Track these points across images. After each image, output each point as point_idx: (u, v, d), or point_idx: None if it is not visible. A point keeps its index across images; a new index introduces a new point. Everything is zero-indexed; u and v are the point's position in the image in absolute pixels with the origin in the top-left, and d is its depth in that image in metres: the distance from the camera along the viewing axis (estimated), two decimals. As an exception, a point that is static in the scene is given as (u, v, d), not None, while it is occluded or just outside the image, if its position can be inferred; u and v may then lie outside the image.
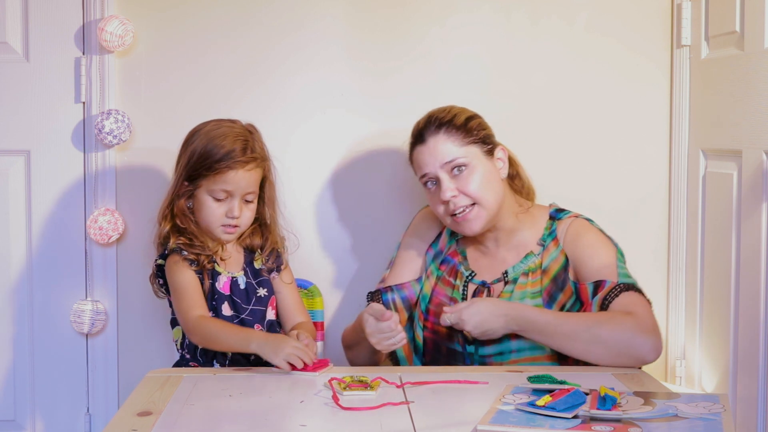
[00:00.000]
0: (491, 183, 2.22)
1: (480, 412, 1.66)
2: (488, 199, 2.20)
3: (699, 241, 2.57)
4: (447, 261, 2.34)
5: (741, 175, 2.31)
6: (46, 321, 2.66)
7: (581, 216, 2.29)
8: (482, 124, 2.27)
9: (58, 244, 2.65)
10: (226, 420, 1.71)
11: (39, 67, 2.62)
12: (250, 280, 2.30)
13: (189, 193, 2.26)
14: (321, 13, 2.67)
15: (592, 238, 2.22)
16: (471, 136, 2.21)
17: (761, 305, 2.20)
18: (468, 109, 2.28)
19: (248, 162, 2.22)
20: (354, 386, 1.83)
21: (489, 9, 2.68)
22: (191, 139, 2.27)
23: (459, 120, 2.22)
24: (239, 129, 2.27)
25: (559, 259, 2.21)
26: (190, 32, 2.66)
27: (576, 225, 2.25)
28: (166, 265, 2.25)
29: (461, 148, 2.20)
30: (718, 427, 1.56)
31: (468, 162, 2.19)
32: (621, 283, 2.12)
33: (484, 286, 2.25)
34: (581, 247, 2.20)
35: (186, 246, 2.22)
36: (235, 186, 2.22)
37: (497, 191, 2.22)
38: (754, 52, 2.26)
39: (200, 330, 2.15)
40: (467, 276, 2.28)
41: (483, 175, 2.20)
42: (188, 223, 2.26)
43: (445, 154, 2.19)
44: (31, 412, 2.68)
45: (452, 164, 2.19)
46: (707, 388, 2.53)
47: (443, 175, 2.20)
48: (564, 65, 2.70)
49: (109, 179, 2.64)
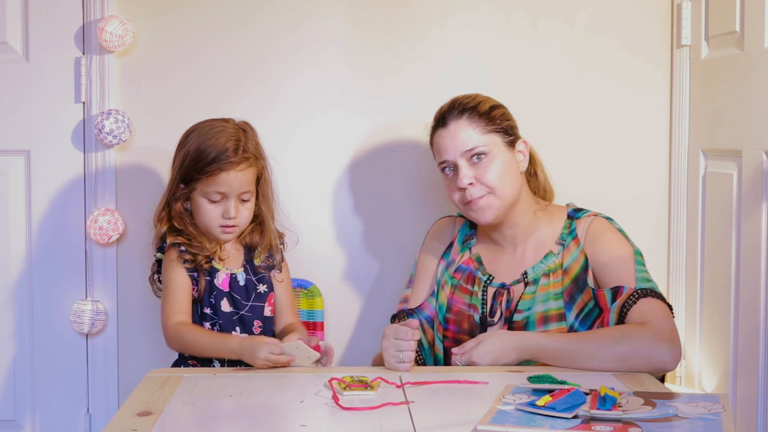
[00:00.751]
0: (510, 174, 2.20)
1: (480, 412, 1.66)
2: (504, 190, 2.18)
3: (699, 241, 2.57)
4: (462, 269, 2.30)
5: (741, 175, 2.31)
6: (46, 321, 2.66)
7: (600, 214, 2.25)
8: (506, 114, 2.25)
9: (58, 244, 2.66)
10: (226, 420, 1.71)
11: (39, 67, 2.62)
12: (250, 276, 2.30)
13: (185, 196, 2.26)
14: (321, 13, 2.67)
15: (611, 240, 2.19)
16: (493, 124, 2.20)
17: (761, 305, 2.20)
18: (493, 99, 2.27)
19: (240, 162, 2.22)
20: (354, 386, 1.83)
21: (489, 9, 2.68)
22: (184, 141, 2.28)
23: (483, 107, 2.21)
24: (231, 129, 2.26)
25: (579, 259, 2.18)
26: (190, 32, 2.66)
27: (596, 224, 2.22)
28: (163, 260, 2.26)
29: (483, 136, 2.18)
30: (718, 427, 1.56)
31: (488, 150, 2.18)
32: (639, 290, 2.09)
33: (504, 287, 2.22)
34: (600, 248, 2.17)
35: (185, 245, 2.23)
36: (229, 187, 2.22)
37: (514, 183, 2.20)
38: (754, 52, 2.26)
39: (177, 338, 2.19)
40: (485, 280, 2.24)
41: (502, 165, 2.18)
42: (186, 225, 2.26)
43: (466, 141, 2.18)
44: (31, 412, 2.68)
45: (472, 152, 2.17)
46: (707, 388, 2.53)
47: (462, 161, 2.18)
48: (564, 65, 2.70)
49: (109, 179, 2.64)
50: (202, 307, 2.24)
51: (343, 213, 2.71)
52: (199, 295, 2.24)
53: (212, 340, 2.16)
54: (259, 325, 2.28)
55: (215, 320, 2.25)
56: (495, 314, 2.21)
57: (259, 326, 2.28)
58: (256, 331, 2.27)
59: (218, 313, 2.24)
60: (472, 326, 2.22)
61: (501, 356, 2.05)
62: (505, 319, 2.19)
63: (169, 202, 2.28)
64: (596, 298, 2.14)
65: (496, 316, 2.20)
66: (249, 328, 2.27)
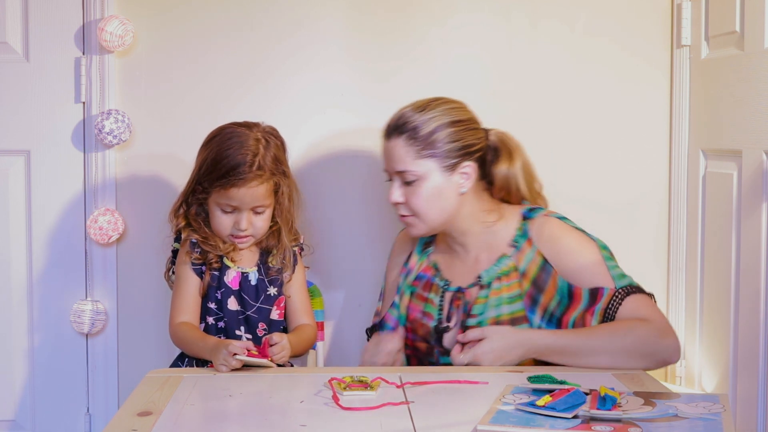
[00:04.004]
0: (440, 200, 2.14)
1: (480, 412, 1.66)
2: (429, 215, 2.14)
3: (699, 241, 2.57)
4: (420, 277, 2.28)
5: (741, 175, 2.31)
6: (46, 321, 2.66)
7: (552, 214, 2.19)
8: (455, 135, 2.14)
9: (58, 244, 2.66)
10: (226, 420, 1.71)
11: (39, 67, 2.62)
12: (262, 276, 2.29)
13: (201, 200, 2.26)
14: (321, 14, 2.67)
15: (570, 242, 2.13)
16: (432, 149, 2.11)
17: (761, 305, 2.20)
18: (453, 112, 2.17)
19: (253, 179, 2.18)
20: (354, 386, 1.83)
21: (489, 10, 2.68)
22: (207, 144, 2.26)
23: (424, 130, 2.12)
24: (252, 140, 2.21)
25: (536, 260, 2.14)
26: (190, 32, 2.66)
27: (549, 225, 2.16)
28: (178, 254, 2.28)
29: (416, 161, 2.11)
30: (718, 427, 1.56)
31: (419, 176, 2.12)
32: (620, 288, 2.07)
33: (460, 291, 2.20)
34: (563, 253, 2.12)
35: (200, 241, 2.24)
36: (240, 202, 2.20)
37: (444, 208, 2.15)
38: (754, 52, 2.26)
39: (176, 336, 2.23)
40: (443, 286, 2.23)
41: (432, 192, 2.13)
42: (201, 226, 2.26)
43: (399, 162, 2.13)
44: (31, 412, 2.68)
45: (403, 175, 2.13)
46: (707, 388, 2.53)
47: (396, 179, 2.16)
48: (564, 65, 2.70)
49: (109, 179, 2.64)
50: (206, 302, 2.25)
51: (343, 213, 2.71)
52: (203, 290, 2.24)
53: (197, 341, 2.16)
54: (264, 327, 2.28)
55: (220, 316, 2.25)
56: (452, 319, 2.20)
57: (263, 328, 2.28)
58: (260, 333, 2.26)
59: (224, 310, 2.25)
60: (426, 334, 2.21)
61: (503, 356, 2.04)
62: (461, 324, 2.18)
63: (188, 200, 2.28)
64: (570, 294, 2.10)
65: (453, 320, 2.19)
66: (253, 329, 2.27)
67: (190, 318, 2.23)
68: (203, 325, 2.26)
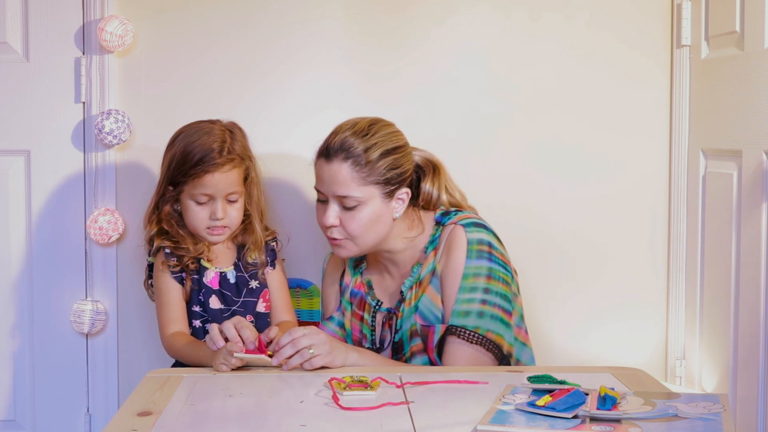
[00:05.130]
0: (377, 224, 2.12)
1: (480, 412, 1.66)
2: (365, 239, 2.13)
3: (699, 241, 2.57)
4: (354, 294, 2.29)
5: (741, 175, 2.31)
6: (46, 321, 2.66)
7: (461, 221, 2.15)
8: (395, 162, 2.13)
9: (58, 244, 2.66)
10: (226, 420, 1.71)
11: (39, 67, 2.62)
12: (241, 273, 2.31)
13: (174, 198, 2.27)
14: (321, 14, 2.67)
15: (457, 258, 2.10)
16: (375, 175, 2.10)
17: (761, 305, 2.20)
18: (393, 138, 2.15)
19: (225, 163, 2.23)
20: (354, 386, 1.83)
21: (488, 9, 2.68)
22: (171, 143, 2.29)
23: (370, 156, 2.09)
24: (217, 130, 2.27)
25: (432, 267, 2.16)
26: (190, 32, 2.66)
27: (453, 235, 2.13)
28: (153, 266, 2.29)
29: (360, 187, 2.09)
30: (718, 427, 1.56)
31: (360, 202, 2.10)
32: (449, 326, 2.08)
33: (390, 312, 2.20)
34: (448, 267, 2.11)
35: (171, 248, 2.24)
36: (215, 188, 2.23)
37: (380, 232, 2.14)
38: (754, 52, 2.26)
39: (171, 349, 2.23)
40: (374, 306, 2.23)
41: (370, 217, 2.11)
42: (173, 227, 2.27)
43: (342, 187, 2.09)
44: (31, 412, 2.68)
45: (344, 199, 2.10)
46: (707, 388, 2.53)
47: (333, 201, 2.12)
48: (564, 65, 2.70)
49: (109, 179, 2.64)
50: (191, 306, 2.26)
51: (343, 213, 2.71)
52: (186, 295, 2.26)
53: (192, 351, 2.16)
54: (251, 320, 2.28)
55: (205, 317, 2.26)
56: (385, 341, 2.21)
57: (251, 321, 2.28)
58: None
59: (207, 310, 2.26)
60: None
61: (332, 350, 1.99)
62: (390, 344, 2.19)
63: (158, 205, 2.30)
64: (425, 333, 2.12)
65: (386, 341, 2.20)
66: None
67: (181, 327, 2.24)
68: (190, 329, 2.27)
